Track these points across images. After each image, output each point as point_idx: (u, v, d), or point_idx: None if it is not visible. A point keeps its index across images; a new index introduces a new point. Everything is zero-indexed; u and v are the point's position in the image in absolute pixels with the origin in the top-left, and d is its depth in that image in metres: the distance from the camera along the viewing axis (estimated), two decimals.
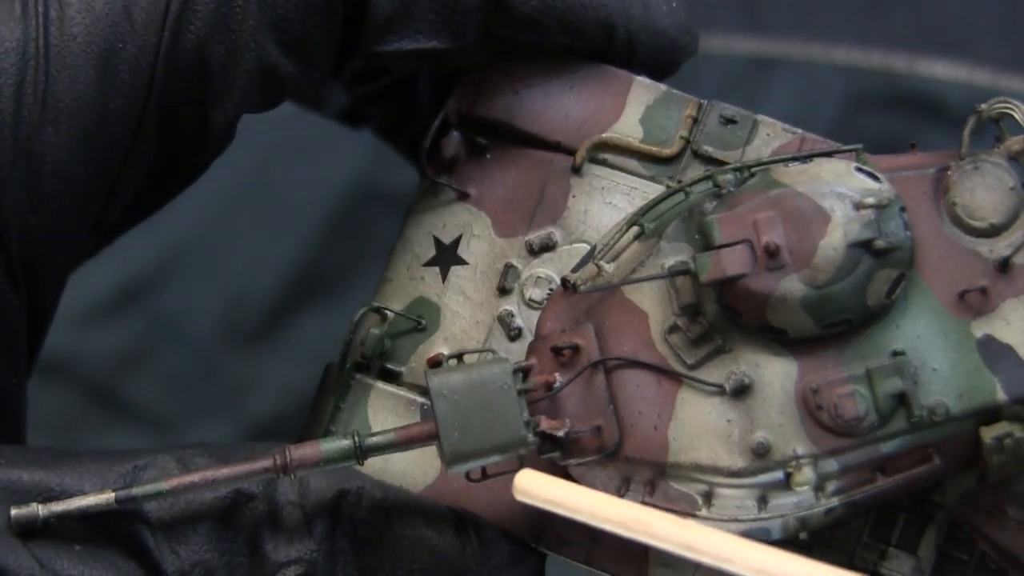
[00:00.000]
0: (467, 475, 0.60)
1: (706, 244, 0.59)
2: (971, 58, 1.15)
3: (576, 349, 0.61)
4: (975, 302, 0.60)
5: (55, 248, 0.63)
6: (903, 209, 0.60)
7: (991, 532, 0.61)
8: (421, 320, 0.66)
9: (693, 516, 0.60)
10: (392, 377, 0.67)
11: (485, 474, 0.60)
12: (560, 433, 0.60)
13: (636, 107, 0.67)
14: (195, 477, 0.59)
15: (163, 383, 1.01)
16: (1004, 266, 0.60)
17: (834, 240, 0.58)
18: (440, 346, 0.66)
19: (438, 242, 0.68)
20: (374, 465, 0.64)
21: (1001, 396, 0.59)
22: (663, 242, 0.61)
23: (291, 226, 1.08)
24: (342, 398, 0.66)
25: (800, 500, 0.59)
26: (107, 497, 0.58)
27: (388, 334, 0.67)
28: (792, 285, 0.58)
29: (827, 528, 0.61)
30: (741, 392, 0.60)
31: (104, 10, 0.61)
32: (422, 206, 0.68)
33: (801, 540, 0.60)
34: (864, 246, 0.58)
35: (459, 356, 0.62)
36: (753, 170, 0.61)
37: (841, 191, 0.59)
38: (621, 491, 0.60)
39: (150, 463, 0.60)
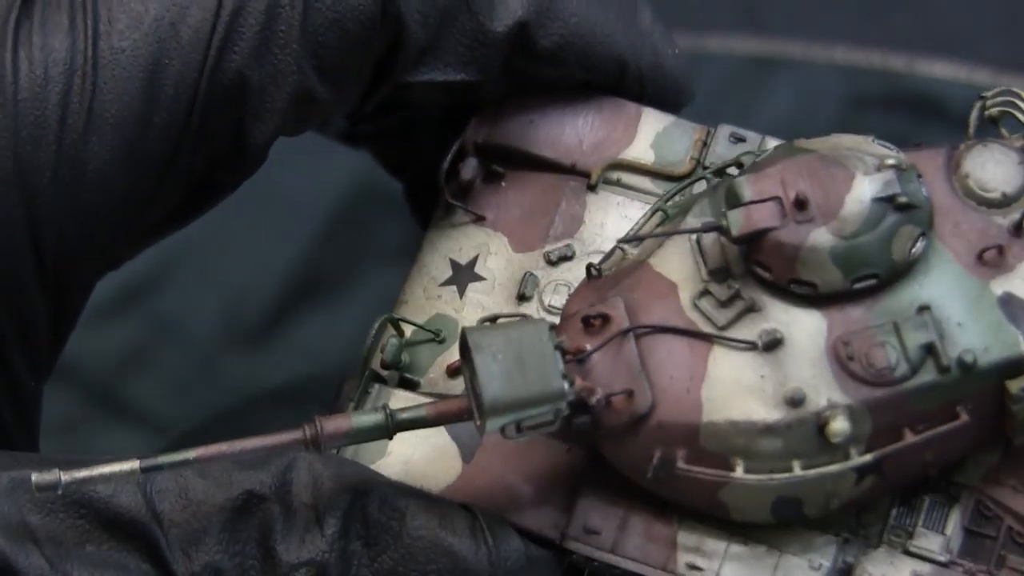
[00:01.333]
0: (502, 431, 0.59)
1: (734, 205, 0.60)
2: (971, 58, 1.15)
3: (606, 319, 0.61)
4: (993, 261, 0.61)
5: (88, 256, 0.64)
6: (919, 176, 0.61)
7: (1018, 506, 0.62)
8: (439, 332, 0.67)
9: (727, 479, 0.60)
10: (411, 387, 0.67)
11: (520, 429, 0.59)
12: (593, 400, 0.60)
13: (647, 134, 0.69)
14: (223, 447, 0.58)
15: (163, 383, 1.01)
16: (1018, 229, 0.61)
17: (859, 194, 0.60)
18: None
19: (454, 264, 0.69)
20: (393, 467, 0.64)
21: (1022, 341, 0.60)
22: (689, 217, 0.63)
23: (291, 226, 1.08)
24: (361, 406, 0.66)
25: (833, 457, 0.60)
26: (131, 465, 0.57)
27: (407, 343, 0.67)
28: (821, 236, 0.59)
29: (856, 502, 0.61)
30: (773, 346, 0.60)
31: (152, 26, 0.62)
32: (437, 230, 0.69)
33: (833, 512, 0.61)
34: (888, 200, 0.60)
35: (493, 319, 0.63)
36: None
37: (861, 156, 0.61)
38: (653, 460, 0.60)
39: (162, 463, 0.59)
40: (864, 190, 0.60)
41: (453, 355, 0.66)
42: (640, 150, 0.69)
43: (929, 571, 0.61)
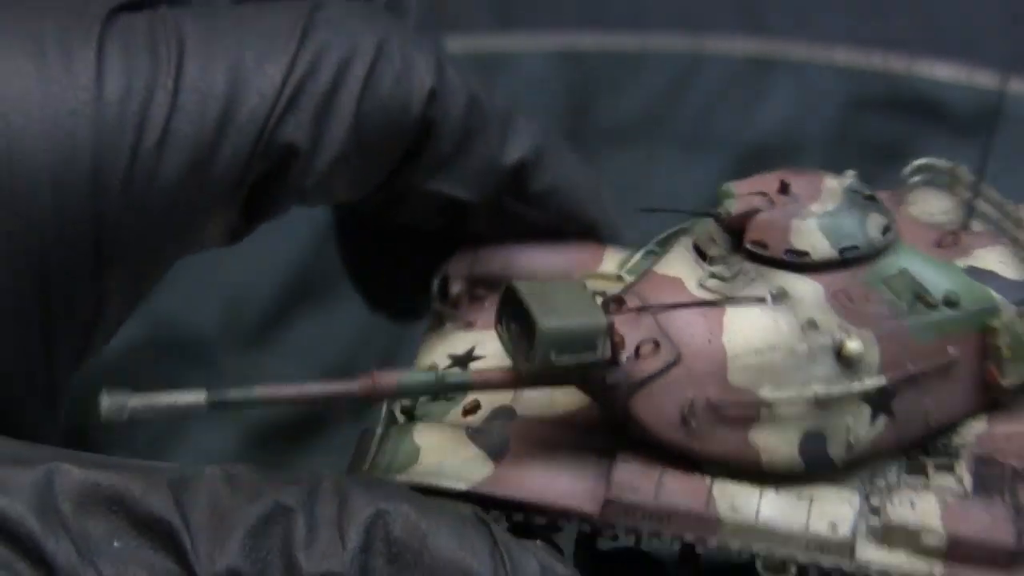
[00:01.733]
0: (549, 360, 0.62)
1: (725, 198, 0.68)
2: (971, 59, 1.15)
3: (621, 301, 0.66)
4: (951, 246, 0.69)
5: (142, 260, 0.68)
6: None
7: (1015, 450, 0.67)
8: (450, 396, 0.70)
9: (755, 422, 0.65)
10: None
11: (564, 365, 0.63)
12: (623, 355, 0.64)
13: (612, 261, 0.77)
14: (288, 389, 0.62)
15: (162, 384, 1.01)
16: (964, 227, 0.71)
17: (832, 184, 0.68)
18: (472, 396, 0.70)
19: (453, 356, 0.73)
20: (424, 468, 0.66)
21: (999, 298, 0.68)
22: (677, 244, 0.69)
23: (291, 227, 1.07)
24: (386, 429, 0.69)
25: (852, 390, 0.65)
26: (199, 396, 0.60)
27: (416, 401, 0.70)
28: (807, 211, 0.67)
29: (872, 450, 0.66)
30: (781, 298, 0.66)
31: (233, 65, 0.68)
32: (431, 336, 0.74)
33: (855, 461, 0.66)
34: (856, 191, 0.68)
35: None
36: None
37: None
38: (686, 406, 0.65)
39: (196, 474, 0.61)
40: (835, 183, 0.68)
41: (467, 398, 0.69)
42: (609, 270, 0.76)
43: (952, 499, 0.65)
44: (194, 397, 0.60)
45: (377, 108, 0.70)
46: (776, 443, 0.65)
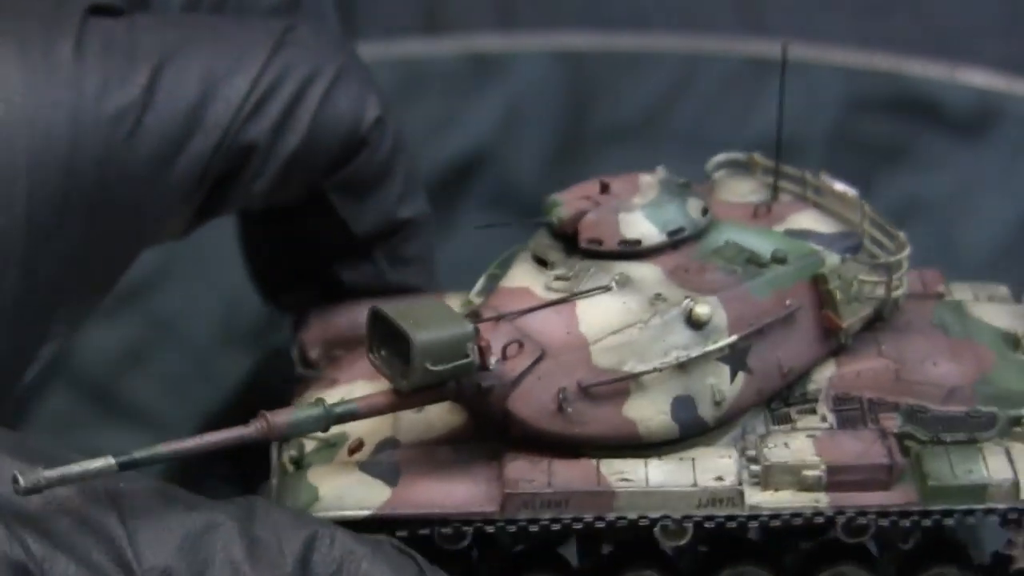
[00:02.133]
0: (426, 373, 0.66)
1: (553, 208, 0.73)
2: (971, 60, 1.15)
3: (478, 315, 0.69)
4: (764, 215, 0.75)
5: (119, 257, 0.73)
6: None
7: (866, 385, 0.72)
8: (329, 441, 0.72)
9: (626, 396, 0.68)
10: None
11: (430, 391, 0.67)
12: (492, 360, 0.67)
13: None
14: (189, 442, 0.63)
15: (160, 384, 1.01)
16: (773, 199, 0.77)
17: (647, 179, 0.74)
18: (355, 435, 0.72)
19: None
20: (327, 506, 0.68)
21: (821, 249, 0.73)
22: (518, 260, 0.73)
23: None
24: (281, 479, 0.71)
25: (708, 350, 0.69)
26: (107, 461, 0.61)
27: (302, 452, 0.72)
28: (631, 204, 0.72)
29: (737, 408, 0.70)
30: (625, 283, 0.70)
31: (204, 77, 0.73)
32: (300, 400, 0.76)
33: (723, 419, 0.70)
34: (670, 181, 0.74)
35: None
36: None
37: None
38: (560, 395, 0.68)
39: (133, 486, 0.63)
40: (649, 178, 0.74)
41: (343, 454, 0.71)
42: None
43: (822, 434, 0.70)
44: (103, 462, 0.62)
45: (330, 123, 0.75)
46: (650, 412, 0.69)
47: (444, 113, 1.13)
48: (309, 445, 0.72)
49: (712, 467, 0.69)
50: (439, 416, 0.72)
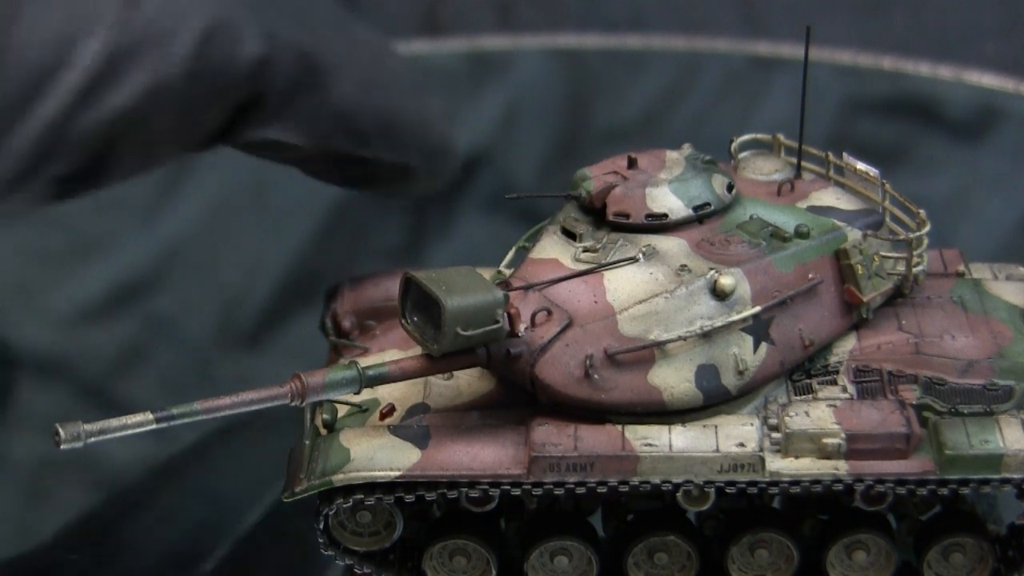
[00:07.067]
0: (457, 337, 0.67)
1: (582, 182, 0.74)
2: (971, 60, 1.15)
3: (508, 285, 0.71)
4: (788, 192, 0.76)
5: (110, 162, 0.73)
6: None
7: (886, 357, 0.74)
8: (361, 405, 0.74)
9: (651, 364, 0.70)
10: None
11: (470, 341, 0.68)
12: (521, 327, 0.69)
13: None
14: (224, 400, 0.67)
15: (158, 384, 1.01)
16: (797, 176, 0.78)
17: (674, 155, 0.75)
18: (387, 400, 0.73)
19: None
20: (357, 464, 0.70)
21: (844, 225, 0.74)
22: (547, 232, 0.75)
23: (287, 227, 1.08)
24: (313, 441, 0.73)
25: (732, 320, 0.71)
26: (146, 416, 0.65)
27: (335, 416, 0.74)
28: (658, 179, 0.73)
29: (760, 378, 0.72)
30: (652, 255, 0.72)
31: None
32: (331, 366, 0.76)
33: (746, 389, 0.71)
34: (696, 158, 0.75)
35: None
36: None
37: None
38: (586, 364, 0.70)
39: None
40: (676, 154, 0.75)
41: (375, 418, 0.73)
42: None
43: (842, 403, 0.72)
44: (142, 416, 0.65)
45: (205, 72, 0.72)
46: (674, 380, 0.70)
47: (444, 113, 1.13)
48: (342, 410, 0.73)
49: (734, 434, 0.70)
50: (468, 383, 0.73)
